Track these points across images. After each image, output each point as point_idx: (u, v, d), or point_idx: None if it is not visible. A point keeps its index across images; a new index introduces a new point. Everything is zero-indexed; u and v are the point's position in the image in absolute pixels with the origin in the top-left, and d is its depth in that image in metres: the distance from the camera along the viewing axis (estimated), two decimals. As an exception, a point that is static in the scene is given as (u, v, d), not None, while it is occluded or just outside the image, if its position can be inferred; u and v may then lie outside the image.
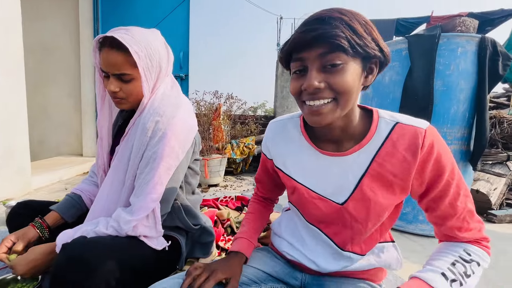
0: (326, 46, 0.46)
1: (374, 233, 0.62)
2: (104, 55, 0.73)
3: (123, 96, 0.77)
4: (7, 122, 1.92)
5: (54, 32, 3.38)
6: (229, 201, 1.78)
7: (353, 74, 0.47)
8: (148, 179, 0.74)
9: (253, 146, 3.08)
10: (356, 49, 0.45)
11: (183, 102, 0.82)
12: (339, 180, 0.57)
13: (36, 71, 3.37)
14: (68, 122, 3.52)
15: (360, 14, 0.48)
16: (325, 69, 0.47)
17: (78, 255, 0.61)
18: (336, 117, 0.50)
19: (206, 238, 1.02)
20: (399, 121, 0.54)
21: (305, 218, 0.66)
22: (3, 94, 1.88)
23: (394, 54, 1.61)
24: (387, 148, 0.53)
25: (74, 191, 0.91)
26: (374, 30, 0.48)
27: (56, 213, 0.85)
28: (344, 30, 0.45)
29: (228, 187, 2.57)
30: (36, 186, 2.27)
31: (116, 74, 0.74)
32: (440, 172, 0.52)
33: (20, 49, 2.03)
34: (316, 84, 0.47)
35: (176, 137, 0.76)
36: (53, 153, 3.52)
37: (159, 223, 0.78)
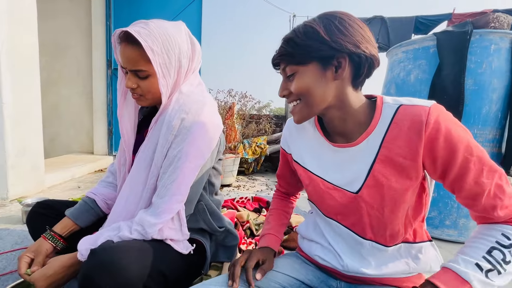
0: (283, 63, 0.59)
1: (396, 224, 0.59)
2: (121, 50, 0.71)
3: (141, 93, 0.75)
4: (22, 121, 1.91)
5: (66, 31, 3.38)
6: (246, 202, 1.73)
7: (308, 76, 0.55)
8: (172, 179, 0.71)
9: (265, 146, 3.03)
10: (301, 58, 0.55)
11: (209, 100, 0.79)
12: (352, 169, 0.59)
13: (49, 69, 3.38)
14: (79, 121, 3.52)
15: (310, 24, 0.55)
16: (287, 78, 0.59)
17: (110, 260, 0.58)
18: (308, 114, 0.59)
19: (231, 241, 0.99)
20: (403, 103, 0.55)
21: (323, 213, 0.67)
22: (18, 93, 1.87)
23: (420, 51, 1.55)
24: (392, 131, 0.54)
25: (89, 194, 0.88)
26: (326, 32, 0.53)
27: (69, 219, 0.82)
28: (287, 49, 0.56)
29: (241, 187, 2.52)
30: (50, 184, 2.26)
31: (133, 70, 0.71)
32: (453, 149, 0.50)
33: (35, 47, 2.01)
34: (281, 92, 0.61)
35: (202, 136, 0.73)
36: (64, 151, 3.52)
37: (185, 226, 0.75)
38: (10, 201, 1.82)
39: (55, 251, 0.78)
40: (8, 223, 1.47)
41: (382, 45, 3.71)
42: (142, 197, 0.75)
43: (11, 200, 1.83)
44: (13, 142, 1.84)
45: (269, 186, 2.62)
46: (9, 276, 1.01)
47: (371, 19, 3.69)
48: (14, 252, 1.17)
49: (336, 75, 0.55)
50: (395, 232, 0.59)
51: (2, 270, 1.04)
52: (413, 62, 1.58)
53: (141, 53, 0.68)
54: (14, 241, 1.27)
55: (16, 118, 1.86)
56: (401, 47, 1.67)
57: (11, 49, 1.79)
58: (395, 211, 0.57)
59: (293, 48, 0.55)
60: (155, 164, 0.74)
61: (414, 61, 1.57)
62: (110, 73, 3.30)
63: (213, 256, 0.94)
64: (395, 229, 0.59)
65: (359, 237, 0.62)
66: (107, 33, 3.23)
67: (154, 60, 0.68)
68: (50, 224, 0.85)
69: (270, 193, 2.36)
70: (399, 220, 0.58)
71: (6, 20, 1.74)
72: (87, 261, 0.60)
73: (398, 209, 0.57)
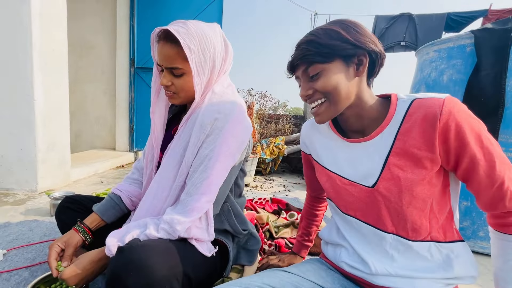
0: (304, 64, 0.59)
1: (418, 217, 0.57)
2: (159, 48, 0.73)
3: (174, 90, 0.76)
4: (51, 117, 1.99)
5: (93, 30, 3.51)
6: (265, 204, 1.71)
7: (335, 73, 0.57)
8: (202, 178, 0.71)
9: (283, 146, 2.99)
10: (326, 56, 0.56)
11: (240, 101, 0.80)
12: (367, 164, 0.60)
13: (76, 68, 3.52)
14: (103, 117, 3.65)
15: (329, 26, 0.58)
16: (310, 79, 0.60)
17: (137, 259, 0.58)
18: (333, 112, 0.60)
19: (253, 245, 0.97)
20: (417, 98, 0.56)
21: (341, 209, 0.68)
22: (49, 90, 1.95)
23: (455, 50, 1.45)
24: (406, 124, 0.56)
25: (114, 191, 0.91)
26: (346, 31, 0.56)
27: (96, 214, 0.85)
28: (310, 48, 0.56)
29: (258, 187, 2.51)
30: (75, 178, 2.35)
31: (168, 67, 0.73)
32: (464, 141, 0.51)
33: (65, 46, 2.09)
34: (305, 92, 0.61)
35: (234, 137, 0.73)
36: (88, 146, 3.67)
37: (212, 226, 0.75)
38: (39, 194, 1.90)
39: (83, 244, 0.80)
40: (37, 215, 1.54)
41: (408, 43, 3.54)
42: (169, 195, 0.76)
43: (40, 193, 1.92)
44: (43, 138, 1.92)
45: (287, 188, 2.58)
46: (38, 267, 1.04)
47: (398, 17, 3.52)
48: (43, 244, 1.21)
49: (357, 72, 0.58)
50: (417, 225, 0.58)
51: (32, 261, 1.08)
52: (446, 62, 1.49)
53: (179, 51, 0.70)
54: (42, 233, 1.32)
55: (47, 114, 1.94)
56: (433, 45, 1.58)
57: (43, 48, 1.87)
58: (413, 203, 0.56)
59: (316, 47, 0.56)
60: (185, 162, 0.74)
61: (448, 61, 1.48)
62: (133, 72, 3.39)
63: (235, 258, 0.93)
64: (417, 223, 0.58)
65: (380, 231, 0.61)
66: (131, 33, 3.32)
67: (191, 59, 0.70)
68: (76, 218, 0.87)
69: (288, 194, 2.32)
70: (421, 213, 0.57)
71: (38, 21, 1.82)
72: (115, 259, 0.61)
73: (416, 201, 0.56)
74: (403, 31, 3.46)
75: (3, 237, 1.25)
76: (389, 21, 3.88)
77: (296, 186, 2.66)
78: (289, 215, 1.56)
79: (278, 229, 1.42)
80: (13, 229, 1.33)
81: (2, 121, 1.85)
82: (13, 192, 1.90)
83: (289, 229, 1.42)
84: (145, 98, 3.40)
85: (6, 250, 1.12)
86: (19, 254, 1.12)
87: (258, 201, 1.76)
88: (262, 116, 2.93)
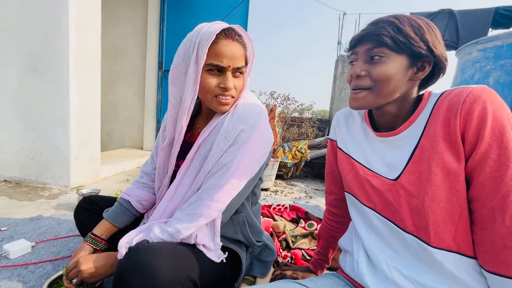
0: (372, 43, 0.55)
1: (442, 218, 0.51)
2: (224, 46, 0.67)
3: (234, 94, 0.72)
4: (84, 118, 2.12)
5: (125, 35, 3.71)
6: (283, 211, 1.65)
7: (396, 66, 0.54)
8: (217, 185, 0.69)
9: (305, 150, 2.90)
10: (399, 45, 0.53)
11: (263, 110, 0.77)
12: (393, 157, 0.59)
13: (109, 71, 3.75)
14: (133, 118, 3.84)
15: (415, 19, 0.55)
16: (370, 60, 0.56)
17: (142, 261, 0.58)
18: (369, 103, 0.57)
19: (268, 256, 0.93)
20: (448, 89, 0.54)
21: (360, 201, 0.66)
22: (82, 93, 2.08)
23: (505, 49, 1.28)
24: (434, 116, 0.53)
25: (123, 196, 0.91)
26: (428, 33, 0.53)
27: (107, 221, 0.86)
28: (389, 30, 0.53)
29: (278, 192, 2.44)
30: (104, 176, 2.48)
31: (237, 67, 0.70)
32: (482, 127, 0.46)
33: (98, 52, 2.22)
34: (358, 71, 0.57)
35: (255, 150, 0.72)
36: (118, 145, 3.87)
37: (218, 236, 0.73)
38: (70, 189, 2.03)
39: (95, 252, 0.82)
40: (67, 210, 1.63)
41: (448, 42, 3.24)
42: (184, 199, 0.76)
43: (71, 188, 2.04)
44: (76, 136, 2.05)
45: (308, 194, 2.48)
46: (61, 261, 1.09)
47: (437, 13, 3.23)
48: (68, 239, 1.28)
49: (414, 76, 0.56)
50: (440, 229, 0.52)
51: (56, 255, 1.13)
52: (493, 62, 1.32)
53: (244, 51, 0.72)
54: (69, 227, 1.39)
55: (80, 115, 2.07)
56: (477, 44, 1.41)
57: (78, 54, 2.00)
58: (436, 200, 0.51)
59: (395, 32, 0.53)
60: (203, 171, 0.73)
61: (495, 61, 1.31)
62: (161, 74, 3.52)
63: (247, 269, 0.90)
64: (440, 225, 0.51)
65: (400, 228, 0.57)
66: (160, 37, 3.46)
67: (250, 60, 0.74)
68: (93, 219, 0.90)
69: (309, 202, 2.23)
70: (445, 214, 0.51)
71: (75, 29, 1.95)
72: (121, 261, 0.61)
73: (440, 198, 0.51)
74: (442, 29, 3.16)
75: (34, 230, 1.34)
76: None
77: (318, 193, 2.55)
78: (307, 224, 1.49)
79: (296, 239, 1.35)
80: (44, 222, 1.42)
81: (41, 120, 2.01)
82: (49, 186, 2.05)
83: (307, 239, 1.35)
84: (171, 100, 3.52)
85: (35, 243, 1.19)
86: (46, 247, 1.18)
87: (276, 208, 1.70)
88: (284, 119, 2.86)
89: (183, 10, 3.33)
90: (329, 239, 0.89)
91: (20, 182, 2.08)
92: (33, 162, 2.05)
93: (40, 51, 1.94)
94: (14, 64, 1.98)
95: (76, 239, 1.28)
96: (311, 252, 1.26)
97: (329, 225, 0.87)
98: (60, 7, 1.88)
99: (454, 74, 1.62)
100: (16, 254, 1.09)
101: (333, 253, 0.92)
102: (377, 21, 0.56)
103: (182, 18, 3.33)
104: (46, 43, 1.93)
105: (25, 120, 2.02)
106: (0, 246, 1.13)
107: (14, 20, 1.94)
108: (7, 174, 2.09)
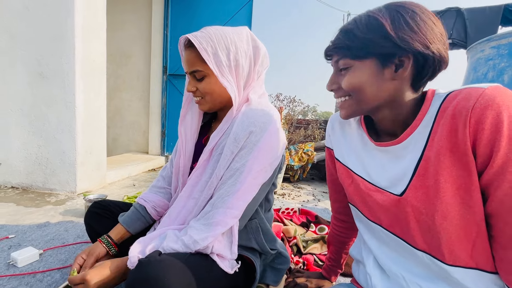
0: (336, 55, 0.54)
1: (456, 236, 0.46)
2: (183, 56, 0.76)
3: (200, 95, 0.76)
4: (89, 123, 2.11)
5: (130, 40, 3.73)
6: (293, 215, 1.61)
7: (364, 73, 0.50)
8: (231, 191, 0.68)
9: (312, 152, 2.86)
10: (358, 52, 0.50)
11: (275, 113, 0.76)
12: (395, 170, 0.53)
13: (115, 76, 3.76)
14: (138, 122, 3.84)
15: (376, 15, 0.49)
16: (339, 72, 0.55)
17: (154, 275, 0.56)
18: (356, 111, 0.55)
19: (281, 263, 0.91)
20: (455, 90, 0.47)
21: (365, 215, 0.62)
22: (88, 98, 2.08)
23: (520, 45, 1.24)
24: (439, 122, 0.46)
25: (140, 201, 0.90)
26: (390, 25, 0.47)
27: (122, 226, 0.84)
28: (344, 40, 0.51)
29: (285, 195, 2.41)
30: (110, 181, 2.47)
31: (190, 72, 0.74)
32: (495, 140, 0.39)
33: (104, 57, 2.22)
34: (329, 85, 0.58)
35: (268, 153, 0.70)
36: (124, 149, 3.87)
37: (235, 244, 0.70)
38: (77, 195, 2.02)
39: (107, 256, 0.80)
40: (74, 216, 1.62)
41: (456, 41, 3.19)
42: (197, 205, 0.74)
43: (78, 194, 2.03)
44: (82, 142, 2.04)
45: (316, 197, 2.44)
46: (69, 269, 1.07)
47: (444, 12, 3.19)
48: (75, 246, 1.26)
49: (395, 75, 0.50)
50: (455, 247, 0.47)
51: (64, 262, 1.12)
52: (508, 60, 1.28)
53: (197, 54, 0.71)
54: (76, 234, 1.38)
55: (86, 120, 2.07)
56: (490, 41, 1.37)
57: (85, 59, 2.00)
58: (448, 217, 0.46)
59: (351, 40, 0.50)
60: (216, 175, 0.72)
61: (510, 58, 1.27)
62: (165, 79, 3.52)
63: (260, 277, 0.87)
64: (455, 244, 0.47)
65: (410, 246, 0.53)
66: (164, 41, 3.46)
67: (209, 60, 0.70)
68: (104, 223, 0.89)
69: (318, 205, 2.19)
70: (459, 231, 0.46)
71: (81, 34, 1.96)
72: (132, 273, 0.59)
73: (452, 215, 0.46)
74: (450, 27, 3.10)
75: (42, 237, 1.32)
76: (432, 18, 3.55)
77: (326, 196, 2.51)
78: (318, 228, 1.45)
79: (307, 244, 1.32)
80: (51, 229, 1.41)
81: (48, 126, 2.01)
82: (55, 192, 2.05)
83: (318, 244, 1.31)
84: (176, 104, 3.52)
85: (43, 250, 1.18)
86: (54, 255, 1.16)
87: (285, 212, 1.67)
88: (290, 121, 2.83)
89: (187, 14, 3.34)
90: (339, 245, 0.86)
91: (27, 188, 2.08)
92: (40, 168, 2.05)
93: (47, 56, 1.95)
94: (21, 70, 1.99)
95: (84, 245, 1.26)
96: (323, 257, 1.22)
97: (338, 231, 0.85)
98: (67, 12, 1.89)
99: (466, 72, 1.58)
100: (24, 262, 1.07)
101: (345, 257, 0.89)
102: (340, 30, 0.54)
103: (186, 22, 3.33)
104: (52, 48, 1.93)
105: (32, 126, 2.02)
106: (8, 254, 1.12)
107: (21, 27, 1.95)
108: (14, 180, 2.09)
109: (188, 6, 3.34)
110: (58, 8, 1.90)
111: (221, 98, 0.76)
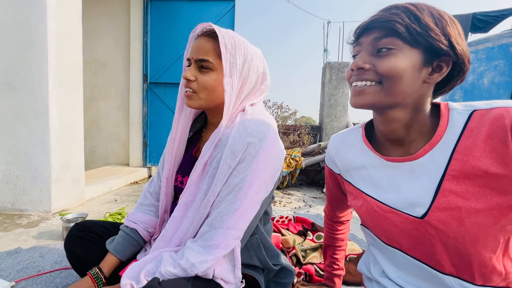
0: (381, 31, 0.47)
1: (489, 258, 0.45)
2: (195, 43, 0.71)
3: (195, 88, 0.69)
4: (65, 136, 1.96)
5: (107, 48, 3.56)
6: (288, 223, 1.58)
7: (407, 62, 0.46)
8: (230, 210, 0.62)
9: (300, 158, 2.86)
10: (415, 37, 0.45)
11: (272, 122, 0.72)
12: (413, 189, 0.50)
13: (90, 85, 3.56)
14: (117, 133, 3.65)
15: (436, 8, 0.47)
16: (376, 53, 0.48)
17: None
18: (378, 101, 0.48)
19: (285, 278, 0.86)
20: (477, 108, 0.46)
21: (382, 240, 0.57)
22: (63, 108, 1.93)
23: (496, 51, 1.31)
24: (466, 141, 0.45)
25: (129, 224, 0.81)
26: (451, 25, 0.46)
27: (114, 256, 0.76)
28: (404, 17, 0.45)
29: (276, 203, 2.37)
30: (89, 197, 2.30)
31: (199, 59, 0.68)
32: None
33: (80, 65, 2.09)
34: (360, 63, 0.48)
35: (268, 165, 0.65)
36: (102, 162, 3.65)
37: (239, 268, 0.65)
38: (52, 214, 1.84)
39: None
40: (50, 239, 1.47)
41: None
42: (192, 225, 0.67)
43: (53, 213, 1.86)
44: (57, 157, 1.88)
45: (307, 203, 2.43)
46: (48, 302, 0.95)
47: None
48: (53, 273, 1.13)
49: (428, 78, 0.47)
50: (488, 269, 0.46)
51: (41, 295, 0.99)
52: (486, 64, 1.35)
53: (215, 46, 0.68)
54: (54, 260, 1.24)
55: (61, 133, 1.91)
56: (468, 46, 1.45)
57: (58, 67, 1.86)
58: (481, 240, 0.44)
59: (412, 20, 0.45)
60: (212, 192, 0.65)
61: (488, 62, 1.34)
62: (146, 87, 3.39)
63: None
64: (487, 266, 0.45)
65: (435, 270, 0.50)
66: (144, 49, 3.35)
67: (225, 56, 0.66)
68: (86, 247, 0.81)
69: (310, 211, 2.17)
70: (493, 253, 0.45)
71: (54, 40, 1.82)
72: None
73: (486, 238, 0.44)
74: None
75: (13, 266, 1.17)
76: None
77: (316, 201, 2.50)
78: (316, 236, 1.42)
79: (306, 253, 1.28)
80: (24, 256, 1.26)
81: (18, 141, 1.83)
82: (27, 213, 1.86)
83: (317, 253, 1.28)
84: (158, 113, 3.38)
85: (15, 282, 1.04)
86: (28, 286, 1.03)
87: (280, 220, 1.63)
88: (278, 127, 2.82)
89: (166, 21, 3.26)
90: (335, 242, 0.84)
91: (-7, 211, 1.87)
92: (8, 187, 1.85)
93: (16, 66, 1.79)
94: (-15, 80, 1.81)
95: (63, 273, 1.13)
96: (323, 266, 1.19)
97: (331, 232, 0.84)
98: (38, 18, 1.76)
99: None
100: (-7, 298, 0.94)
101: (344, 257, 0.87)
102: (390, 7, 0.47)
103: (167, 28, 3.25)
104: (22, 57, 1.78)
105: (-2, 142, 1.84)
106: (-28, 290, 0.97)
107: (-15, 34, 1.79)
108: (-22, 202, 1.87)
109: (168, 12, 3.26)
110: (28, 13, 1.76)
111: (219, 100, 0.71)
